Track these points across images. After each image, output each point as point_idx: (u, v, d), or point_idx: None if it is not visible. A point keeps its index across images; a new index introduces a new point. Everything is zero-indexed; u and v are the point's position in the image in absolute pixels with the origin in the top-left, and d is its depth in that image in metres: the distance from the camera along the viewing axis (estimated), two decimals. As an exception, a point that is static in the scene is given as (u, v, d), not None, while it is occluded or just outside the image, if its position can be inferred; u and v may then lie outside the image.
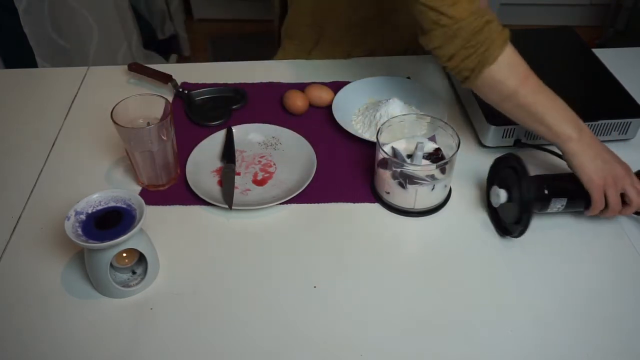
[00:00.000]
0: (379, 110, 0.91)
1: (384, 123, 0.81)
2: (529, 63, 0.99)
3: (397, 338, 0.65)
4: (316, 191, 0.82)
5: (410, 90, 0.99)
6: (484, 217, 0.79)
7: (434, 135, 0.86)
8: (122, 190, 0.70)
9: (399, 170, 0.76)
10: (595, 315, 0.67)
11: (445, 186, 0.79)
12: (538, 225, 0.78)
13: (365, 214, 0.80)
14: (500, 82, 0.74)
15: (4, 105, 1.01)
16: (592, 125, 0.87)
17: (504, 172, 0.76)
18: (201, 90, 1.02)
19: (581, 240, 0.76)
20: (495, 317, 0.67)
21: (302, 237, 0.77)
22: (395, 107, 0.91)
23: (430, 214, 0.79)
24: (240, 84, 1.04)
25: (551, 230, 0.78)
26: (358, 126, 0.93)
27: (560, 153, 0.77)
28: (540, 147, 0.87)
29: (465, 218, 0.79)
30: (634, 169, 0.87)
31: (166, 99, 0.80)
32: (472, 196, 0.82)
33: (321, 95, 0.97)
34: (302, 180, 0.83)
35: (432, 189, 0.76)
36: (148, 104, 0.80)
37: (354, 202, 0.81)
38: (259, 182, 0.84)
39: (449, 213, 0.80)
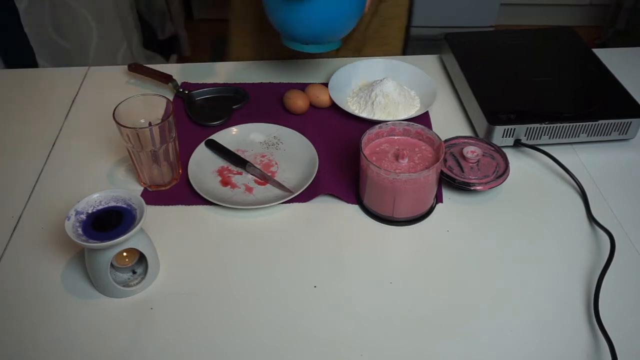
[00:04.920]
0: (374, 90, 0.95)
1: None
2: (529, 63, 1.01)
3: (397, 338, 0.65)
4: (318, 190, 0.82)
5: (401, 70, 1.03)
6: (482, 216, 0.80)
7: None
8: (123, 190, 0.70)
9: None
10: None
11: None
12: (538, 226, 0.78)
13: (367, 214, 0.80)
14: None
15: (4, 105, 1.01)
16: (592, 125, 0.88)
17: None
18: (201, 90, 1.02)
19: (581, 240, 0.76)
20: (495, 317, 0.67)
21: (303, 237, 0.77)
22: (389, 86, 0.95)
23: (430, 213, 0.80)
24: (240, 84, 1.04)
25: (551, 231, 0.78)
26: (354, 107, 0.97)
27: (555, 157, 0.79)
28: (539, 149, 0.87)
29: (464, 217, 0.79)
30: (634, 169, 0.87)
31: (168, 99, 0.80)
32: (469, 196, 0.83)
33: (321, 95, 0.97)
34: (303, 179, 0.83)
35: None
36: (150, 103, 0.80)
37: (356, 202, 0.81)
38: (261, 182, 0.84)
39: (448, 213, 0.80)
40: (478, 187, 0.80)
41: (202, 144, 0.89)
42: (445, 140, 0.86)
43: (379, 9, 1.13)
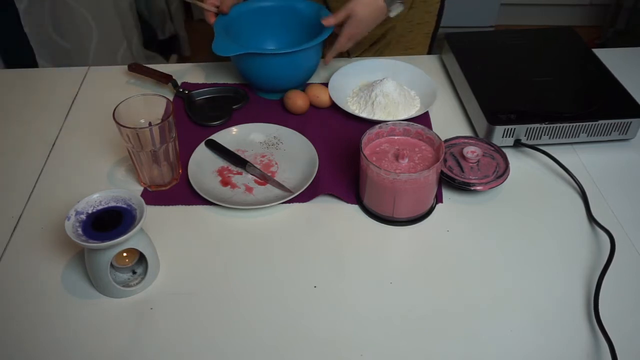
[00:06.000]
0: (374, 90, 0.95)
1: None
2: (529, 63, 1.01)
3: (397, 338, 0.65)
4: (318, 190, 0.82)
5: (401, 70, 1.03)
6: (482, 216, 0.80)
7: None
8: (123, 190, 0.70)
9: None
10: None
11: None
12: (538, 226, 0.78)
13: (367, 214, 0.80)
14: None
15: (4, 105, 1.01)
16: (592, 125, 0.88)
17: None
18: (201, 90, 1.02)
19: (581, 240, 0.76)
20: (495, 317, 0.67)
21: (303, 237, 0.77)
22: (389, 86, 0.95)
23: (430, 213, 0.80)
24: (240, 84, 1.04)
25: (551, 231, 0.78)
26: (354, 107, 0.97)
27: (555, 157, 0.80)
28: (539, 149, 0.87)
29: (464, 217, 0.79)
30: (634, 169, 0.87)
31: (168, 99, 0.80)
32: (469, 196, 0.83)
33: (321, 95, 0.97)
34: (303, 179, 0.83)
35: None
36: (150, 103, 0.80)
37: (356, 202, 0.81)
38: (261, 182, 0.84)
39: (448, 213, 0.80)
40: (478, 187, 0.80)
41: (202, 144, 0.89)
42: (445, 140, 0.86)
43: (407, 14, 1.12)
